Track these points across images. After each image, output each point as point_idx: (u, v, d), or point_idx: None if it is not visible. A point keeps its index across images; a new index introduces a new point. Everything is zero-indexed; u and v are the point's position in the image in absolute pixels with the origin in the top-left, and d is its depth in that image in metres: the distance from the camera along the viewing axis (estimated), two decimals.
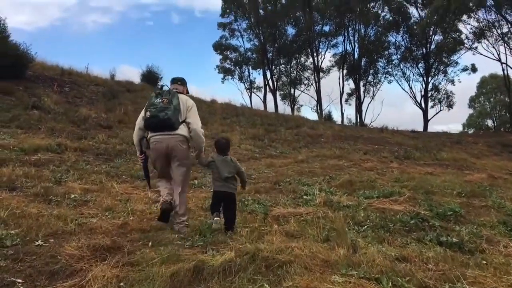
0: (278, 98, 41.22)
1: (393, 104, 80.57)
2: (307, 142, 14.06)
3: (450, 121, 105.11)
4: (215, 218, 4.36)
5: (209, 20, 78.29)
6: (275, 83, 40.96)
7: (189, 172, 4.78)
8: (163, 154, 4.40)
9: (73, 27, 77.43)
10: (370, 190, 7.30)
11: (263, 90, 41.62)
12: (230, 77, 43.02)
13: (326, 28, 38.91)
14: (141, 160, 4.71)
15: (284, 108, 40.03)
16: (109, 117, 12.94)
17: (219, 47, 42.07)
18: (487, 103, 54.16)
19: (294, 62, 41.27)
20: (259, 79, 44.72)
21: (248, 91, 43.22)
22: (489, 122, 53.52)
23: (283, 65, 41.50)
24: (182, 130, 4.38)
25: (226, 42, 42.06)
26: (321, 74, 39.29)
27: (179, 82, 4.72)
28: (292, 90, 41.57)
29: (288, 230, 4.61)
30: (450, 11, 30.96)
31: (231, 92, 57.27)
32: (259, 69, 42.11)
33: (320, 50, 39.29)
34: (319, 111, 38.16)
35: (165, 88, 4.48)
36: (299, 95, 41.63)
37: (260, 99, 41.56)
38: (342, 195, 6.84)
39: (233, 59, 42.73)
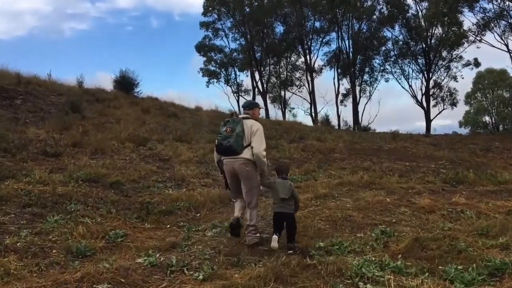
0: (268, 101, 38.29)
1: (384, 102, 78.56)
2: (319, 160, 11.01)
3: (443, 117, 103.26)
4: (273, 236, 4.77)
5: (189, 23, 75.14)
6: (264, 85, 37.99)
7: (256, 190, 5.10)
8: (232, 174, 5.07)
9: (51, 36, 73.62)
10: (459, 260, 4.44)
11: (251, 93, 38.51)
12: (215, 80, 39.63)
13: (318, 25, 36.20)
14: (223, 178, 5.34)
15: (276, 112, 37.15)
16: (62, 139, 9.82)
17: (202, 48, 38.72)
18: (484, 99, 51.85)
19: (284, 62, 38.30)
20: (246, 82, 41.33)
21: (235, 94, 40.00)
22: (487, 119, 51.26)
23: (272, 66, 38.49)
24: (246, 153, 4.91)
25: (210, 43, 38.79)
26: (313, 74, 36.48)
27: (247, 108, 5.30)
28: (283, 92, 38.66)
29: None
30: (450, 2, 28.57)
31: (217, 97, 53.55)
32: (246, 71, 39.02)
33: (312, 48, 36.51)
34: (313, 114, 35.31)
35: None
36: (290, 97, 38.77)
37: None
38: (419, 276, 4.01)
39: (218, 61, 39.39)
